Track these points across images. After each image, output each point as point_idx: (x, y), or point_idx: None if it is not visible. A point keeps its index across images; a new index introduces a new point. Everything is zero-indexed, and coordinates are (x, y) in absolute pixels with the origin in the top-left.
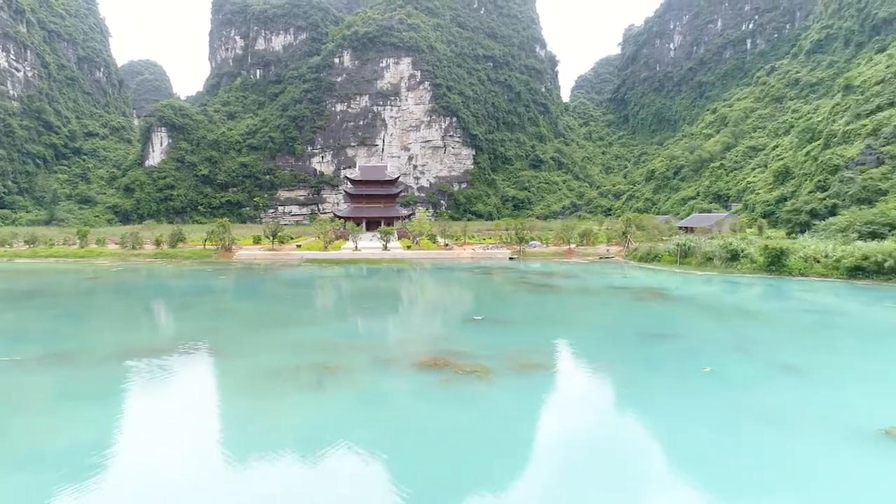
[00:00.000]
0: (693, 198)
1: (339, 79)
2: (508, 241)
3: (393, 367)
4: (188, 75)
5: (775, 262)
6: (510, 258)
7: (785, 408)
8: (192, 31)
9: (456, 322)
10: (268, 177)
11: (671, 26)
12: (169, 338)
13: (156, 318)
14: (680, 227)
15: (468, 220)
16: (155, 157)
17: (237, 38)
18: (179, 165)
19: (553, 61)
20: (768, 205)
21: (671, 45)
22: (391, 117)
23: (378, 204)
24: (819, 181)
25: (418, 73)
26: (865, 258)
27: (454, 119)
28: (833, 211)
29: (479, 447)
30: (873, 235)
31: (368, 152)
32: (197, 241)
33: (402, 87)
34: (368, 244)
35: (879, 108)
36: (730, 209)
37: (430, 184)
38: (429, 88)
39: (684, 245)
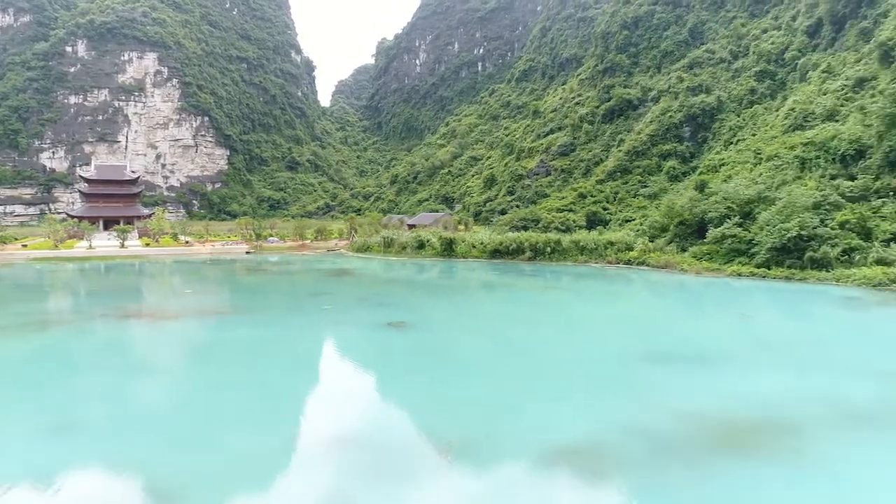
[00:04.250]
0: (426, 199)
1: (72, 69)
2: (249, 237)
3: (105, 319)
4: None
5: (448, 249)
6: (247, 252)
7: (350, 320)
8: None
9: (168, 295)
10: None
11: (417, 44)
12: None
13: None
14: (409, 225)
15: (222, 219)
16: None
17: None
18: None
19: (310, 67)
20: (479, 206)
21: (417, 62)
22: (136, 114)
23: (117, 203)
24: (509, 187)
25: (165, 70)
26: (500, 244)
27: (206, 118)
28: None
29: (154, 350)
30: (524, 228)
31: (110, 149)
32: None
33: (147, 83)
34: (105, 243)
35: (552, 131)
36: (454, 210)
37: (181, 183)
38: (177, 86)
39: (387, 238)
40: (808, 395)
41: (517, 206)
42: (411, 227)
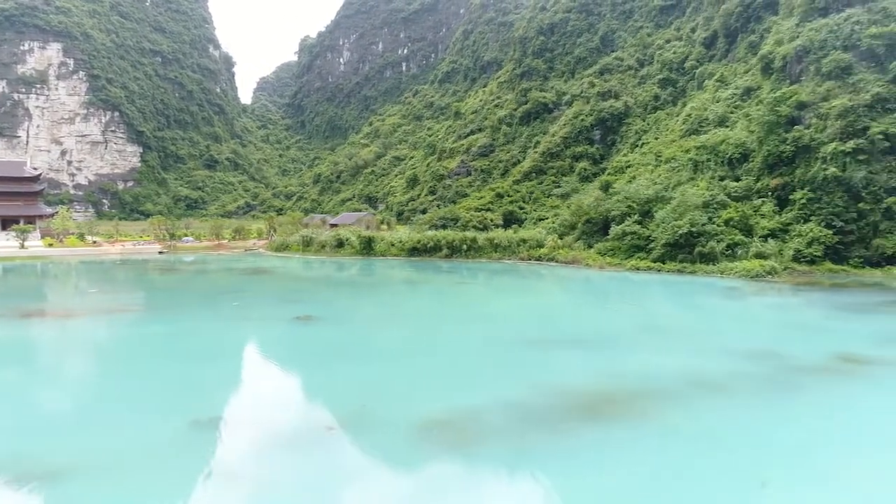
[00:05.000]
0: (350, 199)
1: None
2: (163, 237)
3: (1, 318)
4: None
5: (367, 247)
6: (160, 252)
7: (257, 315)
8: None
9: (72, 295)
10: None
11: (341, 42)
12: None
13: None
14: (331, 224)
15: (135, 219)
16: None
17: None
18: None
19: (229, 62)
20: (402, 205)
21: (341, 60)
22: (38, 107)
23: (16, 202)
24: (431, 186)
25: (71, 62)
26: (419, 242)
27: (116, 114)
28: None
29: (54, 347)
30: (444, 227)
31: (8, 144)
32: None
33: (50, 75)
34: (3, 243)
35: (472, 132)
36: (377, 209)
37: (90, 181)
38: (85, 79)
39: (306, 237)
40: (669, 371)
41: (438, 206)
42: (333, 226)
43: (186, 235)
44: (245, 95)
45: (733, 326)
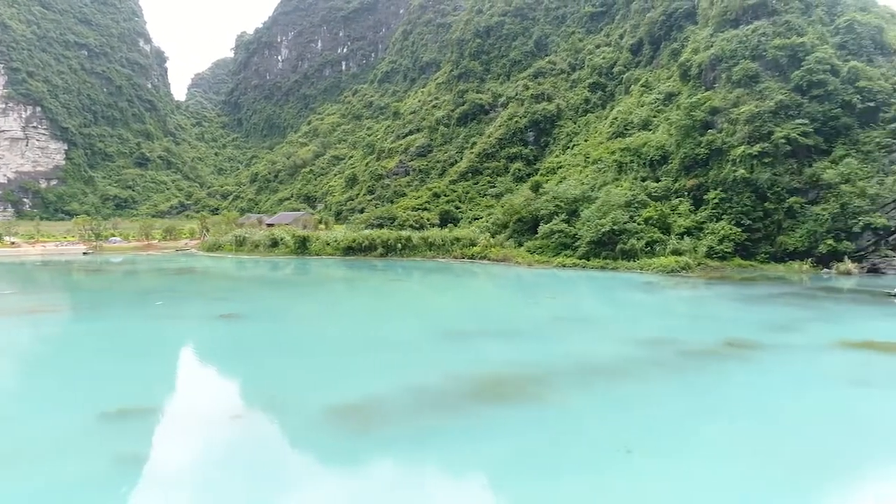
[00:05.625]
0: (288, 199)
1: None
2: (88, 237)
3: None
4: None
5: (301, 247)
6: (84, 253)
7: (181, 314)
8: None
9: None
10: None
11: (279, 39)
12: None
13: None
14: (267, 224)
15: (59, 219)
16: None
17: None
18: None
19: (161, 57)
20: (341, 205)
21: (279, 58)
22: None
23: None
24: (370, 186)
25: None
26: (354, 241)
27: (38, 109)
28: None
29: None
30: (380, 226)
31: None
32: None
33: None
34: None
35: (411, 132)
36: (316, 209)
37: (9, 180)
38: (3, 72)
39: (239, 236)
40: (571, 358)
41: (377, 205)
42: (270, 226)
43: (114, 236)
44: (179, 92)
45: (642, 317)
